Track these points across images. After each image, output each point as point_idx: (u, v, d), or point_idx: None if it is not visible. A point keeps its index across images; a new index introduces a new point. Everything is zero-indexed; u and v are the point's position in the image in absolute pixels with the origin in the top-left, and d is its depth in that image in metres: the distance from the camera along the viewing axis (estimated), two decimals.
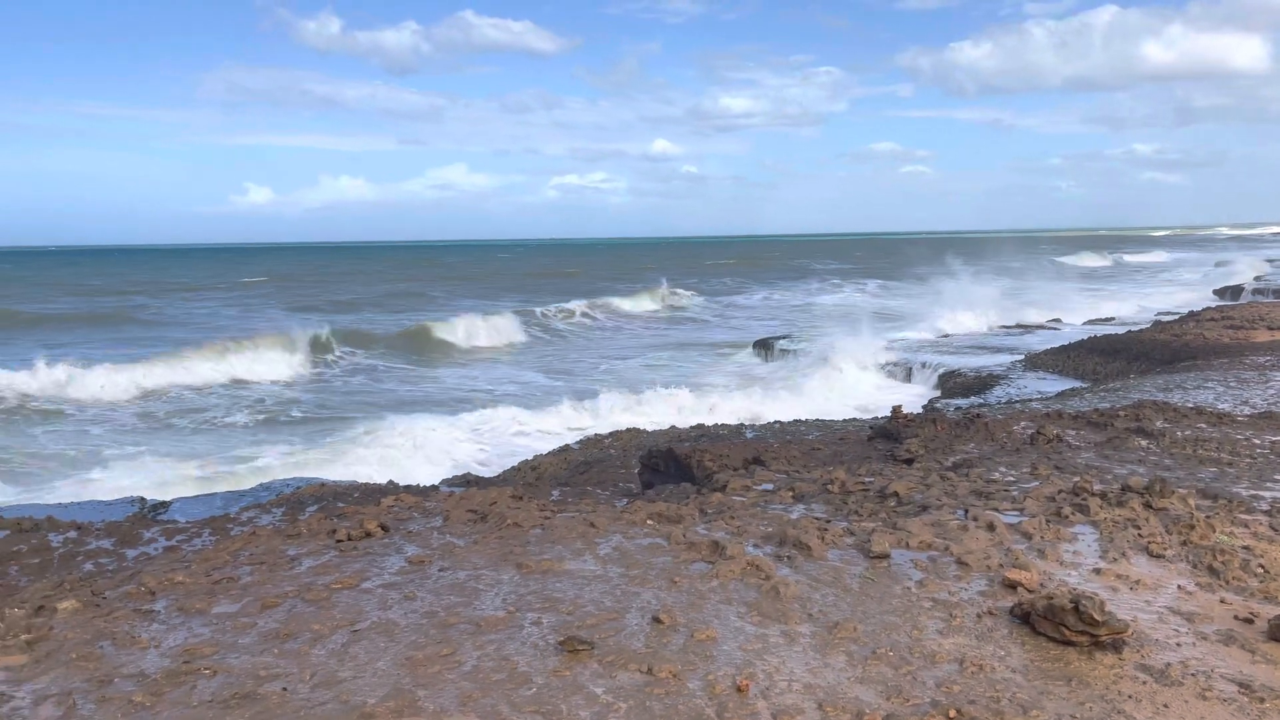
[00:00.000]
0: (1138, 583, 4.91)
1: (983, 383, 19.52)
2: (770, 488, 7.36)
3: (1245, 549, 5.37)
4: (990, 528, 5.75)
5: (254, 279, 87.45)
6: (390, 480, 11.07)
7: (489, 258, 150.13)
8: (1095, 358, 19.97)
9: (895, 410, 10.36)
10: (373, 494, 8.58)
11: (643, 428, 15.86)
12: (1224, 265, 63.96)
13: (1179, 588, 4.85)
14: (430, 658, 4.04)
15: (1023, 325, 31.95)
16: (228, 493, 10.97)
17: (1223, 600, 4.69)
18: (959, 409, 14.29)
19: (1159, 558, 5.31)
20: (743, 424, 14.45)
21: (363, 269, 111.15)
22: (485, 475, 13.12)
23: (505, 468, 14.09)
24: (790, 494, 7.05)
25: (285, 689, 3.79)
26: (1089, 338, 22.69)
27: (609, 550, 5.52)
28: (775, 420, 15.08)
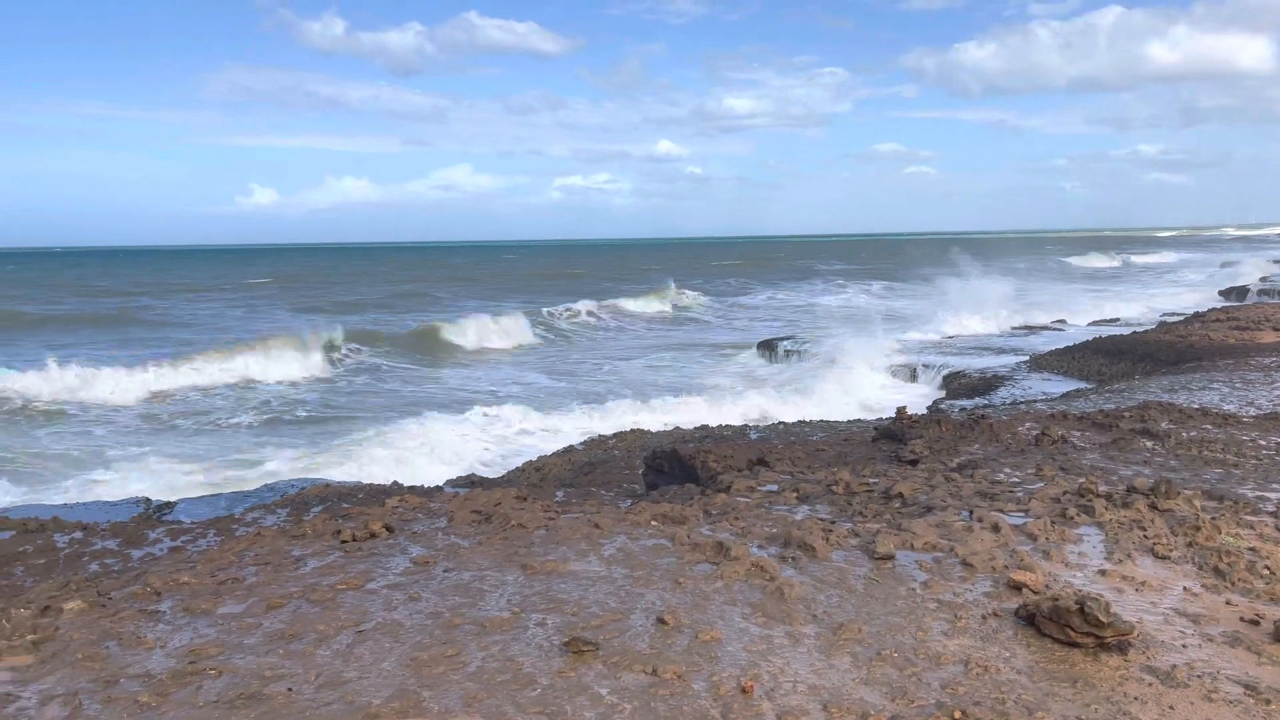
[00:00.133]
0: (1143, 584, 4.90)
1: (987, 384, 19.48)
2: (774, 489, 7.36)
3: (1251, 550, 5.36)
4: (995, 529, 5.74)
5: (259, 280, 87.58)
6: (395, 481, 11.07)
7: (493, 259, 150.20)
8: (1100, 359, 19.93)
9: (900, 411, 10.35)
10: (377, 495, 8.58)
11: (647, 428, 15.87)
12: (1229, 266, 63.75)
13: (1184, 589, 4.85)
14: (435, 658, 4.05)
15: (1028, 326, 31.89)
16: (232, 493, 10.98)
17: (1228, 602, 4.68)
18: (964, 410, 14.27)
19: (1164, 559, 5.30)
20: (747, 425, 14.45)
21: (367, 270, 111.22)
22: (489, 476, 13.13)
23: (509, 468, 14.10)
24: (795, 495, 7.05)
25: (290, 689, 3.80)
26: (1094, 339, 22.64)
27: (613, 551, 5.53)
28: (779, 421, 15.07)
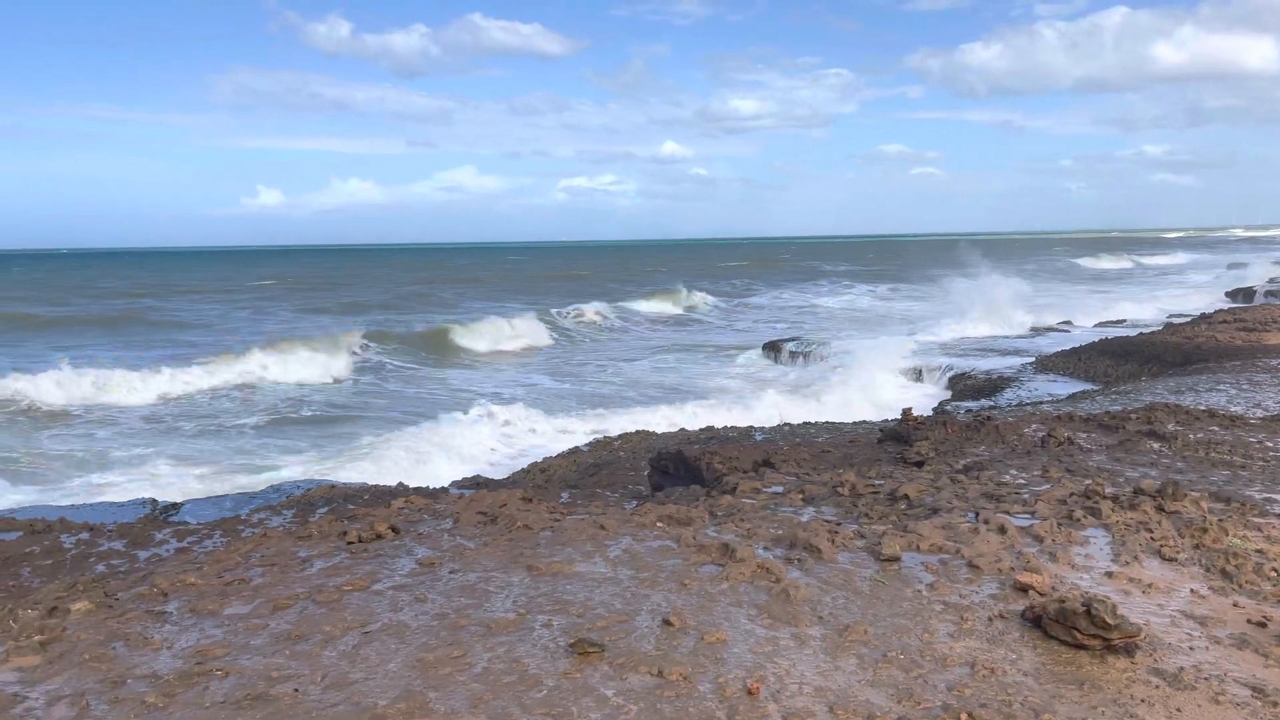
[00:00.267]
0: (1150, 586, 4.89)
1: (993, 385, 19.45)
2: (780, 490, 7.35)
3: (1258, 552, 5.34)
4: (1001, 530, 5.73)
5: (265, 281, 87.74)
6: (400, 482, 11.09)
7: (499, 260, 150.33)
8: (1106, 360, 19.87)
9: (905, 413, 10.33)
10: (382, 496, 8.59)
11: (652, 430, 15.87)
12: (1237, 267, 63.54)
13: (1191, 591, 4.83)
14: (441, 659, 4.06)
15: (1034, 328, 31.85)
16: (238, 494, 11.02)
17: (1236, 604, 4.67)
18: (969, 411, 14.24)
19: (1171, 561, 5.28)
20: (752, 426, 14.44)
21: (373, 271, 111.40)
22: (496, 477, 13.14)
23: (516, 469, 14.11)
24: (800, 496, 7.04)
25: (297, 690, 3.80)
26: (1100, 340, 22.58)
27: (619, 552, 5.52)
28: (785, 423, 15.06)
